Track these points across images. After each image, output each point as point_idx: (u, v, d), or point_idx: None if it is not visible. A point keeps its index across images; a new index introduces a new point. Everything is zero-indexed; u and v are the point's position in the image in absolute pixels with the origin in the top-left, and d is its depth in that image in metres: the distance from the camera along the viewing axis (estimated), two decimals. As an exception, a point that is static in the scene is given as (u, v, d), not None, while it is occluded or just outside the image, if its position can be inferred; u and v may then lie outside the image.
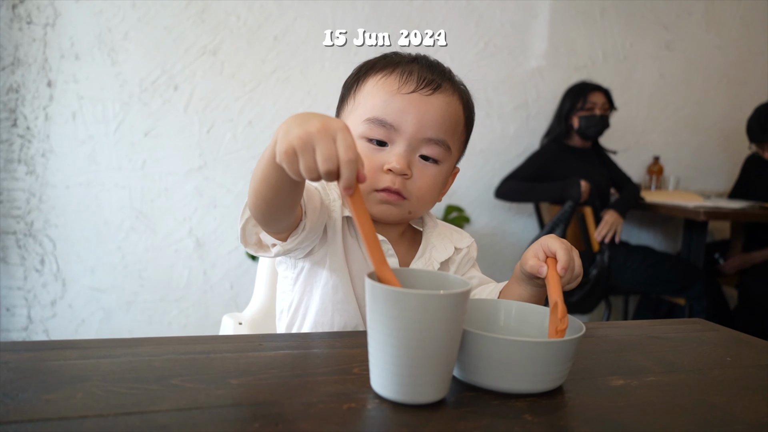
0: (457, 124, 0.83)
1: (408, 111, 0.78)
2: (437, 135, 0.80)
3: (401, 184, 0.79)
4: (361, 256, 0.84)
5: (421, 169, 0.81)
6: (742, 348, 0.76)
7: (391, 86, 0.79)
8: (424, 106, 0.79)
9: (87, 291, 2.31)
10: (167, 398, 0.48)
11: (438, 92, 0.80)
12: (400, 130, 0.78)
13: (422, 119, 0.78)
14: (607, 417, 0.51)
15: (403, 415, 0.48)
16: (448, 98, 0.81)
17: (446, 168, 0.84)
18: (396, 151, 0.79)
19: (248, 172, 2.41)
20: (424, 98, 0.79)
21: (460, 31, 2.63)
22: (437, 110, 0.80)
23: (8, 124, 2.18)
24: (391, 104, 0.78)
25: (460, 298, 0.50)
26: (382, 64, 0.83)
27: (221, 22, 2.32)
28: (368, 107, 0.80)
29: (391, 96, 0.79)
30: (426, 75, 0.80)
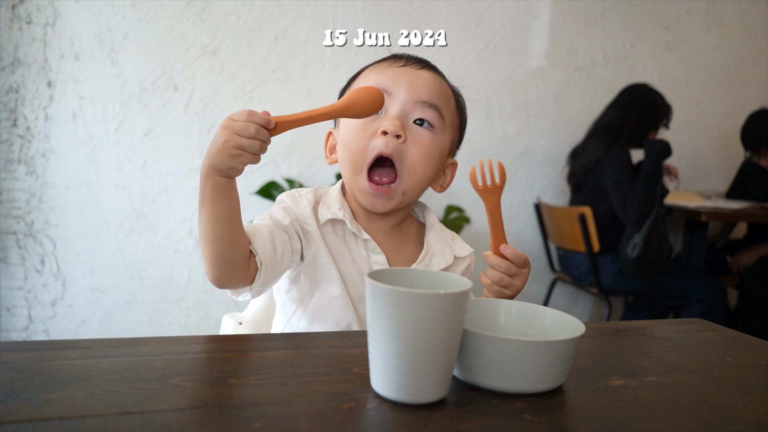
0: (448, 98, 0.87)
1: (400, 78, 0.82)
2: (430, 98, 0.83)
3: (395, 147, 0.80)
4: (348, 255, 0.85)
5: (416, 133, 0.82)
6: (743, 348, 0.76)
7: (382, 65, 0.85)
8: (415, 74, 0.83)
9: (87, 291, 2.31)
10: (167, 398, 0.48)
11: (426, 69, 0.86)
12: (393, 94, 0.82)
13: (414, 84, 0.82)
14: (607, 417, 0.51)
15: (404, 415, 0.48)
16: (437, 76, 0.86)
17: (440, 138, 0.85)
18: (390, 114, 0.81)
19: (248, 172, 2.41)
20: (414, 70, 0.84)
21: (460, 32, 2.63)
22: (427, 78, 0.84)
23: (8, 125, 2.18)
24: (383, 75, 0.83)
25: (460, 298, 0.50)
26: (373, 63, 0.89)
27: (221, 22, 2.32)
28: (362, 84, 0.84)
29: (383, 70, 0.84)
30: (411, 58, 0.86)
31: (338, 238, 0.85)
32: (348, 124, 0.84)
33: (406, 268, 0.64)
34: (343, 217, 0.84)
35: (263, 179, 2.42)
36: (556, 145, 2.85)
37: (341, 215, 0.84)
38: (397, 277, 0.58)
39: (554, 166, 2.86)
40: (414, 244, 0.91)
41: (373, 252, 0.85)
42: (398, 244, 0.89)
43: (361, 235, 0.85)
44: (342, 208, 0.85)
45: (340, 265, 0.84)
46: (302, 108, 2.44)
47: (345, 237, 0.86)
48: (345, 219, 0.84)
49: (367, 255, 0.85)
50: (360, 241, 0.85)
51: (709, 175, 3.21)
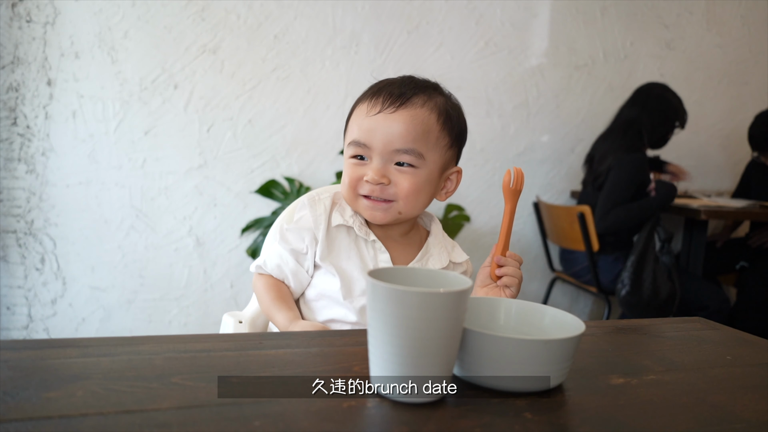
0: (427, 132, 0.91)
1: (375, 130, 0.90)
2: (404, 145, 0.89)
3: (380, 191, 0.91)
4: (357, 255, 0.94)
5: (399, 174, 0.91)
6: (743, 347, 0.76)
7: (362, 111, 0.92)
8: (388, 123, 0.89)
9: (87, 290, 2.31)
10: (168, 396, 0.48)
11: (401, 108, 0.90)
12: (372, 147, 0.90)
13: (387, 135, 0.89)
14: (607, 415, 0.51)
15: (404, 414, 0.48)
16: (413, 111, 0.90)
17: (425, 172, 0.92)
18: (372, 165, 0.91)
19: (248, 170, 2.42)
20: (388, 116, 0.90)
21: (460, 30, 2.63)
22: (400, 124, 0.89)
23: (8, 123, 2.18)
24: (362, 127, 0.91)
25: (460, 297, 0.50)
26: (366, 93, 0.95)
27: (221, 20, 2.32)
28: (350, 133, 0.94)
29: (362, 120, 0.91)
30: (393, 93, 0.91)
31: (349, 239, 0.96)
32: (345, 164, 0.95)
33: (407, 267, 0.64)
34: (353, 224, 0.95)
35: (263, 178, 2.42)
36: (556, 144, 2.85)
37: (351, 222, 0.95)
38: (398, 275, 0.58)
39: (554, 165, 2.86)
40: (416, 248, 1.00)
41: (379, 251, 0.95)
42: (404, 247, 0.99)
43: (368, 237, 0.95)
44: (354, 215, 0.96)
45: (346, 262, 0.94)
46: (301, 106, 2.44)
47: (356, 239, 0.96)
48: (354, 226, 0.94)
49: (375, 254, 0.95)
50: (369, 243, 0.96)
51: (709, 174, 3.21)
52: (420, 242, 1.01)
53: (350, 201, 0.95)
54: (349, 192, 0.94)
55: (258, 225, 2.40)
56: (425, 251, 0.99)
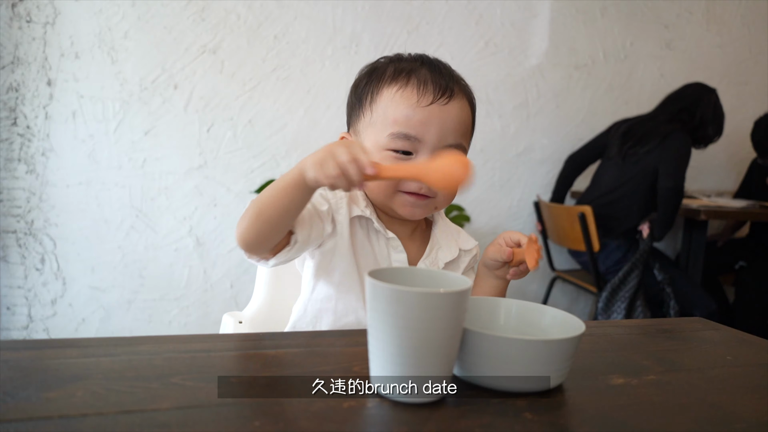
0: (468, 126, 0.89)
1: (430, 123, 0.83)
2: (456, 140, 0.85)
3: (428, 188, 0.84)
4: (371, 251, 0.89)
5: None
6: (743, 347, 0.76)
7: (410, 99, 0.84)
8: (443, 116, 0.84)
9: (87, 290, 2.31)
10: (168, 397, 0.48)
11: (453, 100, 0.85)
12: (424, 140, 0.83)
13: (442, 129, 0.84)
14: (607, 415, 0.51)
15: (404, 414, 0.48)
16: (461, 103, 0.86)
17: None
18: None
19: (248, 170, 2.41)
20: (442, 108, 0.84)
21: (460, 31, 2.63)
22: (454, 118, 0.85)
23: (8, 123, 2.18)
24: (413, 118, 0.83)
25: (461, 297, 0.50)
26: (393, 72, 0.86)
27: (221, 20, 2.32)
28: (390, 121, 0.84)
29: (413, 110, 0.83)
30: (440, 82, 0.85)
31: (363, 233, 0.90)
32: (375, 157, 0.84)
33: (407, 266, 0.64)
34: (370, 215, 0.88)
35: (263, 178, 2.42)
36: (556, 144, 2.85)
37: (368, 213, 0.88)
38: (398, 275, 0.58)
39: (554, 165, 2.86)
40: (424, 242, 0.95)
41: (395, 250, 0.90)
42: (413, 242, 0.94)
43: (386, 233, 0.89)
44: (368, 207, 0.89)
45: (360, 258, 0.88)
46: (301, 107, 2.44)
47: (369, 234, 0.90)
48: (372, 217, 0.88)
49: (388, 252, 0.90)
50: (383, 239, 0.90)
51: (709, 174, 3.21)
52: (426, 234, 0.96)
53: (385, 197, 0.86)
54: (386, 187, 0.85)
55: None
56: (433, 243, 0.94)
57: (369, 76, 0.90)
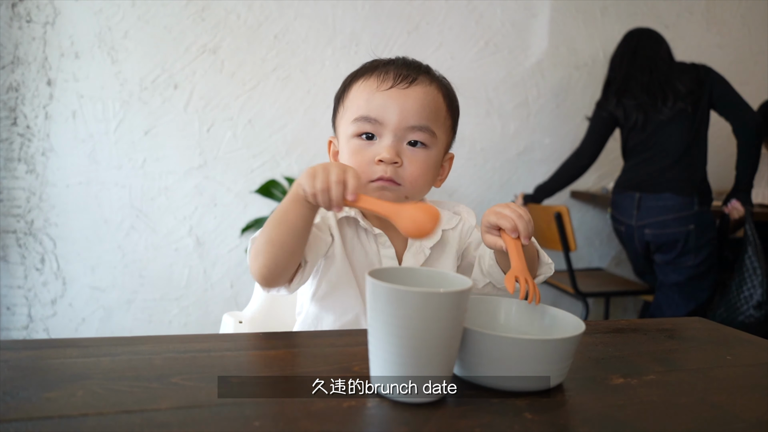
0: (438, 110, 0.89)
1: (389, 105, 0.85)
2: (419, 122, 0.86)
3: (393, 171, 0.85)
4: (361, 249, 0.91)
5: (411, 155, 0.87)
6: (742, 347, 0.76)
7: (371, 86, 0.87)
8: (403, 98, 0.86)
9: (87, 290, 2.31)
10: (168, 396, 0.48)
11: (414, 84, 0.87)
12: (385, 123, 0.85)
13: (403, 110, 0.85)
14: (607, 415, 0.51)
15: (404, 413, 0.48)
16: (425, 88, 0.88)
17: (435, 152, 0.89)
18: (384, 143, 0.85)
19: (248, 170, 2.41)
20: (401, 91, 0.86)
21: (460, 30, 2.63)
22: (416, 100, 0.86)
23: (8, 123, 2.18)
24: (373, 101, 0.86)
25: (461, 297, 0.50)
26: (363, 70, 0.91)
27: (221, 20, 2.32)
28: (354, 109, 0.87)
29: (372, 94, 0.86)
30: (401, 71, 0.87)
31: (352, 232, 0.91)
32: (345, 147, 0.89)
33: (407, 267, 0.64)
34: (356, 215, 0.90)
35: (263, 177, 2.42)
36: (556, 144, 2.85)
37: (353, 213, 0.90)
38: (398, 275, 0.58)
39: (554, 165, 2.86)
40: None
41: (383, 246, 0.91)
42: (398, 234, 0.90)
43: (372, 230, 0.91)
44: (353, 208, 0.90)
45: (352, 257, 0.90)
46: (301, 106, 2.44)
47: (357, 232, 0.92)
48: (357, 216, 0.90)
49: (377, 248, 0.91)
50: (371, 236, 0.91)
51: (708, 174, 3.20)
52: None
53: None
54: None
55: (258, 225, 2.39)
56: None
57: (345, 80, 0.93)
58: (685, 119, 2.27)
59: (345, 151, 0.89)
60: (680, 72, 2.30)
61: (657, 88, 2.30)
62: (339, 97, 0.93)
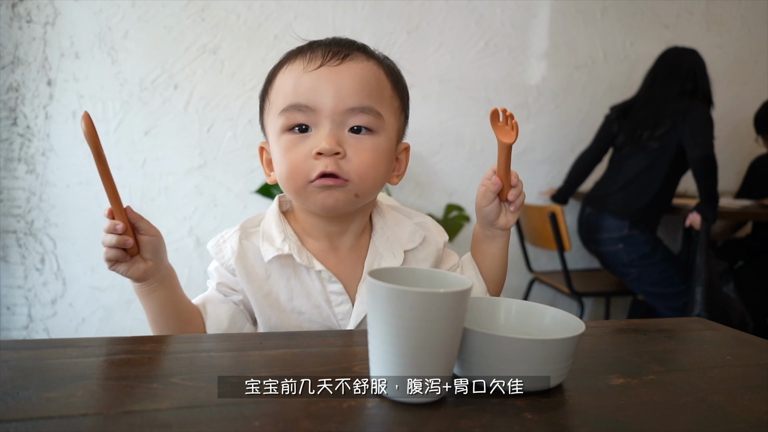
0: (381, 88, 0.75)
1: (320, 86, 0.71)
2: (360, 102, 0.72)
3: (335, 165, 0.72)
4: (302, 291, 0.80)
5: (354, 144, 0.73)
6: (743, 347, 0.76)
7: (297, 69, 0.73)
8: (336, 77, 0.72)
9: (87, 290, 2.31)
10: (168, 396, 0.48)
11: (347, 60, 0.73)
12: (318, 108, 0.72)
13: (338, 90, 0.72)
14: (607, 415, 0.51)
15: (404, 414, 0.48)
16: (362, 63, 0.74)
17: (384, 139, 0.75)
18: (321, 133, 0.72)
19: (248, 170, 2.42)
20: (333, 69, 0.72)
21: (460, 31, 2.63)
22: (352, 77, 0.72)
23: (8, 123, 2.18)
24: (301, 85, 0.72)
25: (461, 297, 0.50)
26: (287, 56, 0.77)
27: (221, 20, 2.32)
28: (281, 99, 0.74)
29: (299, 78, 0.72)
30: (330, 49, 0.74)
31: (288, 273, 0.79)
32: (276, 147, 0.76)
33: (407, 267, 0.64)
34: (289, 250, 0.77)
35: (263, 178, 2.42)
36: (556, 144, 2.85)
37: (287, 249, 0.77)
38: (398, 275, 0.58)
39: (554, 165, 2.86)
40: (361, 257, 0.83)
41: (328, 281, 0.79)
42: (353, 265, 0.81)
43: (313, 266, 0.78)
44: (286, 239, 0.78)
45: (294, 302, 0.79)
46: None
47: (295, 269, 0.79)
48: (292, 252, 0.77)
49: (322, 285, 0.79)
50: (312, 272, 0.79)
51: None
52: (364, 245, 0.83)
53: (297, 191, 0.75)
54: (294, 180, 0.74)
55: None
56: (373, 257, 0.81)
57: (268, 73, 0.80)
58: (648, 153, 2.40)
59: (276, 152, 0.75)
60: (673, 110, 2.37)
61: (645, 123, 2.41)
62: (264, 92, 0.79)
